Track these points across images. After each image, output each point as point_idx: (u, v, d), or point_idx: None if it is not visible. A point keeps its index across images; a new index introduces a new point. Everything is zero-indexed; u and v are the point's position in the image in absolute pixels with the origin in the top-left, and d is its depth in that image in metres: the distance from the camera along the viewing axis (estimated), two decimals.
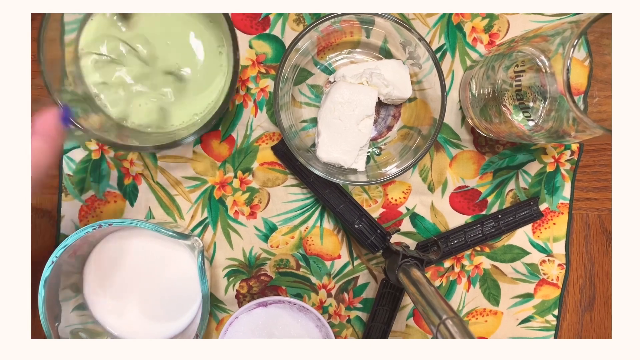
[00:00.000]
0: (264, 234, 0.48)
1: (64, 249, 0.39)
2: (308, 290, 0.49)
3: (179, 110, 0.43)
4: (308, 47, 0.44)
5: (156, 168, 0.47)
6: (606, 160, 0.48)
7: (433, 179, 0.48)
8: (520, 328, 0.50)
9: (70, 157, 0.47)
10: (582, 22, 0.30)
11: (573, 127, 0.32)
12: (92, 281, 0.44)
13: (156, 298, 0.44)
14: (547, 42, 0.33)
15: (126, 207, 0.48)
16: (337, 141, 0.43)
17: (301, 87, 0.47)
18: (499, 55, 0.40)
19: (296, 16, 0.47)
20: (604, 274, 0.50)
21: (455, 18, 0.47)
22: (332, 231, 0.48)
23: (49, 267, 0.39)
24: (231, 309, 0.49)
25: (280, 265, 0.48)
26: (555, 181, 0.48)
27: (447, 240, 0.47)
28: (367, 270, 0.49)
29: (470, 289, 0.49)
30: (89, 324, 0.44)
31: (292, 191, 0.48)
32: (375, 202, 0.48)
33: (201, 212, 0.48)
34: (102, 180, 0.47)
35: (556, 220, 0.49)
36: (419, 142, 0.43)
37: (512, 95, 0.37)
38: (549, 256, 0.49)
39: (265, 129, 0.47)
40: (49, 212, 0.48)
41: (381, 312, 0.47)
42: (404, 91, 0.45)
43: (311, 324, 0.45)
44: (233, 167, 0.48)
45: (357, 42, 0.46)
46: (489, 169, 0.48)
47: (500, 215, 0.48)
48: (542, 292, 0.49)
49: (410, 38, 0.41)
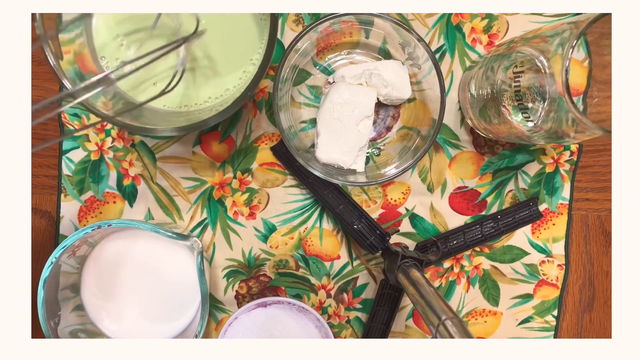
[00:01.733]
0: (263, 234, 0.48)
1: (64, 249, 0.39)
2: (307, 290, 0.49)
3: (205, 89, 0.40)
4: (307, 48, 0.44)
5: (155, 169, 0.47)
6: (606, 161, 0.48)
7: (432, 180, 0.48)
8: (520, 328, 0.50)
9: (70, 157, 0.47)
10: (581, 23, 0.30)
11: (572, 127, 0.32)
12: (91, 282, 0.44)
13: (155, 299, 0.44)
14: (546, 43, 0.33)
15: (125, 208, 0.48)
16: (337, 142, 0.43)
17: (300, 88, 0.47)
18: (498, 56, 0.40)
19: (295, 17, 0.47)
20: (604, 275, 0.50)
21: (454, 18, 0.47)
22: (332, 232, 0.48)
23: (49, 267, 0.39)
24: (230, 310, 0.49)
25: (280, 266, 0.48)
26: (554, 182, 0.48)
27: (447, 240, 0.47)
28: (366, 270, 0.49)
29: (469, 290, 0.49)
30: (88, 325, 0.44)
31: (292, 192, 0.48)
32: (375, 203, 0.48)
33: (200, 212, 0.48)
34: (101, 181, 0.47)
35: (555, 221, 0.49)
36: (418, 142, 0.43)
37: (511, 95, 0.37)
38: (549, 257, 0.49)
39: (264, 129, 0.47)
40: (48, 213, 0.48)
41: (380, 313, 0.47)
42: (403, 92, 0.45)
43: (310, 324, 0.45)
44: (232, 167, 0.48)
45: (356, 43, 0.46)
46: (488, 170, 0.48)
47: (499, 215, 0.48)
48: (542, 293, 0.49)
49: (409, 39, 0.41)
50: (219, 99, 0.41)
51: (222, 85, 0.41)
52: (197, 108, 0.41)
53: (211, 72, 0.41)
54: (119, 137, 0.47)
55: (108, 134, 0.47)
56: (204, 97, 0.41)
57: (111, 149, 0.47)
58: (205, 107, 0.41)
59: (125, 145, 0.47)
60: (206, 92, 0.41)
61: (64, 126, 0.47)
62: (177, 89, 0.40)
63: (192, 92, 0.41)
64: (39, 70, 0.47)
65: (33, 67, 0.47)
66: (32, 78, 0.47)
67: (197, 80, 0.41)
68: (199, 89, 0.41)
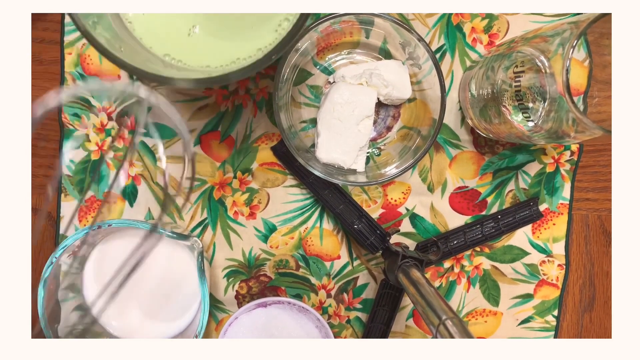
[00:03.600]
0: (264, 234, 0.48)
1: (64, 249, 0.39)
2: (308, 290, 0.49)
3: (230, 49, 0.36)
4: (307, 48, 0.44)
5: (155, 169, 0.47)
6: (606, 161, 0.48)
7: (433, 180, 0.48)
8: (520, 328, 0.50)
9: (70, 157, 0.47)
10: (582, 23, 0.30)
11: (572, 127, 0.32)
12: (91, 282, 0.44)
13: (156, 299, 0.44)
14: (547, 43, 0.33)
15: (125, 208, 0.48)
16: (337, 142, 0.43)
17: (301, 88, 0.47)
18: (498, 56, 0.40)
19: None
20: (604, 275, 0.50)
21: (454, 18, 0.47)
22: (332, 232, 0.48)
23: (49, 267, 0.39)
24: (231, 310, 0.49)
25: (280, 266, 0.48)
26: (555, 182, 0.48)
27: (447, 240, 0.47)
28: (366, 270, 0.49)
29: (470, 290, 0.49)
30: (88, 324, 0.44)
31: (292, 192, 0.48)
32: (375, 203, 0.48)
33: (200, 212, 0.48)
34: (101, 181, 0.47)
35: (556, 221, 0.49)
36: (418, 142, 0.43)
37: (512, 95, 0.37)
38: (549, 257, 0.49)
39: (264, 129, 0.47)
40: (48, 213, 0.48)
41: (381, 313, 0.47)
42: (403, 92, 0.45)
43: (311, 324, 0.45)
44: (232, 167, 0.48)
45: (356, 43, 0.46)
46: (488, 170, 0.48)
47: (500, 215, 0.48)
48: (542, 293, 0.49)
49: (409, 38, 0.41)
50: (247, 60, 0.35)
51: (253, 44, 0.35)
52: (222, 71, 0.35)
53: (240, 27, 0.35)
54: (119, 137, 0.47)
55: (108, 134, 0.47)
56: (231, 57, 0.36)
57: (111, 149, 0.47)
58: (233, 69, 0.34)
59: (125, 145, 0.47)
60: (234, 52, 0.35)
61: (64, 126, 0.47)
62: (201, 46, 0.34)
63: (216, 51, 0.36)
64: (39, 70, 0.47)
65: (33, 67, 0.47)
66: (32, 78, 0.47)
67: (223, 36, 0.36)
68: (225, 47, 0.36)
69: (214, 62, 0.36)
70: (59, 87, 0.47)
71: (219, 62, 0.36)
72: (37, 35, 0.47)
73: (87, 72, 0.46)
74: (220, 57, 0.36)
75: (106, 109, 0.47)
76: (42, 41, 0.47)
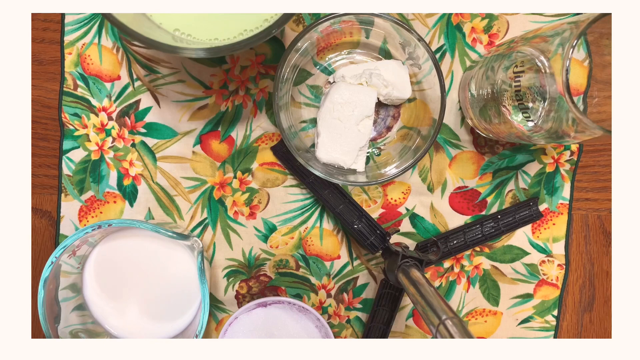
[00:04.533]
0: (264, 234, 0.48)
1: (64, 249, 0.39)
2: (308, 290, 0.49)
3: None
4: (307, 48, 0.44)
5: (156, 168, 0.47)
6: (606, 161, 0.48)
7: (433, 180, 0.48)
8: (520, 328, 0.50)
9: (70, 157, 0.47)
10: (582, 23, 0.30)
11: (572, 127, 0.32)
12: (92, 281, 0.44)
13: (156, 298, 0.44)
14: (547, 43, 0.33)
15: (126, 208, 0.48)
16: (337, 142, 0.43)
17: (301, 88, 0.47)
18: (498, 56, 0.40)
19: (295, 16, 0.47)
20: (604, 274, 0.50)
21: (454, 18, 0.47)
22: (332, 231, 0.48)
23: (49, 267, 0.39)
24: (231, 310, 0.49)
25: (280, 266, 0.48)
26: (554, 181, 0.48)
27: (447, 240, 0.47)
28: (366, 270, 0.49)
29: (469, 290, 0.49)
30: (88, 324, 0.44)
31: (292, 191, 0.48)
32: (375, 203, 0.48)
33: (201, 212, 0.48)
34: (101, 181, 0.47)
35: (556, 221, 0.49)
36: (418, 142, 0.43)
37: (512, 95, 0.37)
38: (549, 256, 0.49)
39: (264, 129, 0.47)
40: (48, 213, 0.48)
41: (381, 313, 0.47)
42: (403, 92, 0.45)
43: (311, 324, 0.45)
44: (232, 167, 0.48)
45: (356, 43, 0.46)
46: (488, 170, 0.48)
47: (499, 215, 0.48)
48: (542, 293, 0.49)
49: (409, 38, 0.41)
50: (254, 31, 0.36)
51: (260, 16, 0.37)
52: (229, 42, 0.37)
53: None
54: (119, 137, 0.47)
55: (108, 134, 0.47)
56: (238, 29, 0.37)
57: (111, 149, 0.47)
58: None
59: (125, 145, 0.47)
60: (241, 24, 0.36)
61: (64, 126, 0.47)
62: (209, 20, 0.36)
63: (224, 24, 0.37)
64: (39, 70, 0.47)
65: (33, 67, 0.47)
66: (32, 78, 0.47)
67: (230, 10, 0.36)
68: (232, 19, 0.37)
69: (221, 34, 0.37)
70: (59, 86, 0.47)
71: (226, 34, 0.37)
72: (37, 35, 0.47)
73: (87, 72, 0.46)
74: (227, 30, 0.37)
75: (106, 109, 0.47)
76: (42, 41, 0.47)
